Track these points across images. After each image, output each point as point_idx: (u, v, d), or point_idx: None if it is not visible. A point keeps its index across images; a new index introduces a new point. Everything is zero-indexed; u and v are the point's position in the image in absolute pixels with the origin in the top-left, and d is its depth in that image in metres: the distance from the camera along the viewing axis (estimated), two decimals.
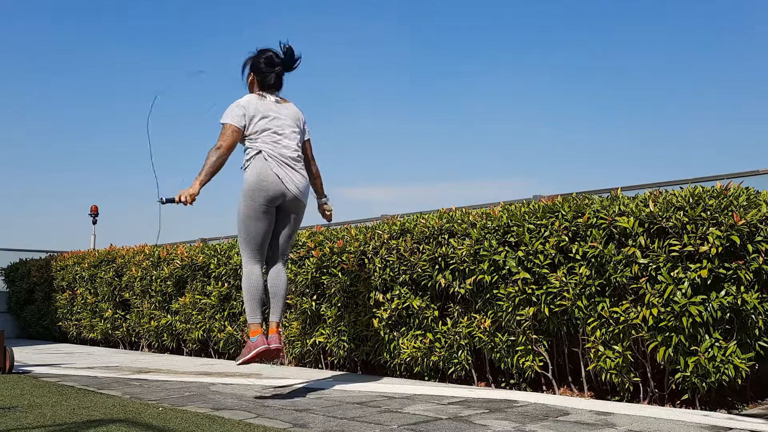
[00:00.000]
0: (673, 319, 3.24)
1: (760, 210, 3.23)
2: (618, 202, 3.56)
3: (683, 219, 3.27)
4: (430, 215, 4.52)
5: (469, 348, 4.20)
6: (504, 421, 2.87)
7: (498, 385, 4.18)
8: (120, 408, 3.28)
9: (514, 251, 3.87)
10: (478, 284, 4.05)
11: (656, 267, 3.32)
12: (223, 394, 3.77)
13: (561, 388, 3.92)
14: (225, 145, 3.54)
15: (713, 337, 3.22)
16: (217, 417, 3.00)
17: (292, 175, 3.59)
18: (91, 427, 2.79)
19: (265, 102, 3.68)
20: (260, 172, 3.54)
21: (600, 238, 3.51)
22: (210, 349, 6.41)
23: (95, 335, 7.96)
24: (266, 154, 3.56)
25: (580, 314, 3.58)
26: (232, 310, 5.93)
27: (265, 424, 2.84)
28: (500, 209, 4.10)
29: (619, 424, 2.77)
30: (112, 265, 7.67)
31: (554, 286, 3.65)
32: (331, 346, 4.95)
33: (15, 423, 2.89)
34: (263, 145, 3.58)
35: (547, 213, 3.80)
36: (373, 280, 4.59)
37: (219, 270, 5.94)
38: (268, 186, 3.53)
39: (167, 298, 6.79)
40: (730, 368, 3.17)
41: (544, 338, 3.87)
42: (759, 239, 3.22)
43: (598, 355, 3.56)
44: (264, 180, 3.53)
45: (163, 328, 6.78)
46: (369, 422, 2.88)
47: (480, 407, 3.23)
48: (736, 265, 3.18)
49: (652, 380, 3.52)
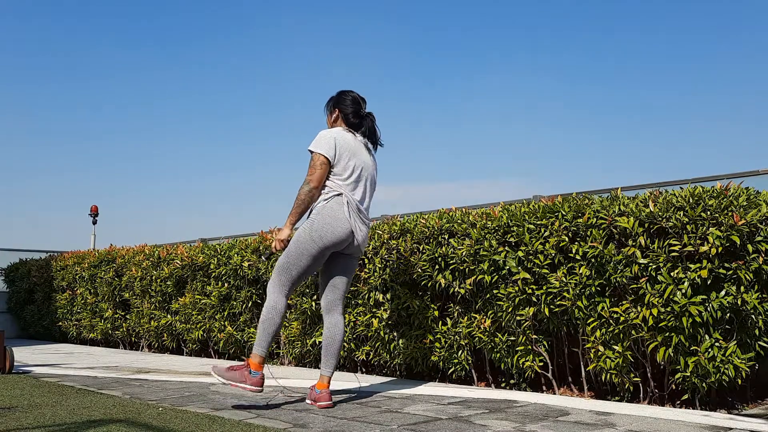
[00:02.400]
0: (673, 319, 3.24)
1: (760, 210, 3.23)
2: (618, 202, 3.56)
3: (683, 219, 3.27)
4: (430, 215, 4.52)
5: (469, 348, 4.20)
6: (504, 421, 2.87)
7: (498, 385, 4.18)
8: (120, 408, 3.28)
9: (514, 251, 3.87)
10: (478, 284, 4.05)
11: (656, 267, 3.32)
12: (223, 394, 3.77)
13: (561, 388, 3.92)
14: (315, 179, 3.35)
15: (713, 337, 3.22)
16: (217, 417, 3.00)
17: (360, 225, 3.42)
18: (91, 427, 2.79)
19: (357, 141, 3.50)
20: (336, 215, 3.35)
21: (600, 238, 3.51)
22: (210, 349, 6.40)
23: (95, 335, 7.96)
24: (346, 198, 3.38)
25: (580, 314, 3.58)
26: (232, 311, 5.93)
27: (265, 424, 2.84)
28: (500, 209, 4.10)
29: (619, 424, 2.77)
30: (112, 265, 7.67)
31: (554, 286, 3.65)
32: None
33: (15, 423, 2.89)
34: (345, 188, 3.40)
35: (547, 213, 3.80)
36: (373, 280, 4.59)
37: (219, 270, 5.94)
38: (338, 232, 3.34)
39: (167, 298, 6.79)
40: (730, 368, 3.17)
41: (544, 338, 3.86)
42: (759, 239, 3.22)
43: (598, 355, 3.56)
44: (338, 225, 3.34)
45: (163, 328, 6.78)
46: (369, 422, 2.88)
47: (480, 407, 3.23)
48: (736, 265, 3.18)
49: (652, 380, 3.52)
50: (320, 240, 3.33)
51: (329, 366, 3.42)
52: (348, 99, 3.57)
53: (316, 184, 3.35)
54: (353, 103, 3.57)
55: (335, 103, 3.60)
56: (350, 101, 3.57)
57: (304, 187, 3.36)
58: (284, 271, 3.38)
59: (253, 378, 3.23)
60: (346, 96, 3.59)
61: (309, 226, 3.36)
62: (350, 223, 3.37)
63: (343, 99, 3.58)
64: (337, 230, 3.34)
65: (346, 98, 3.58)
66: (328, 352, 3.44)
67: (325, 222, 3.33)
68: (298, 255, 3.35)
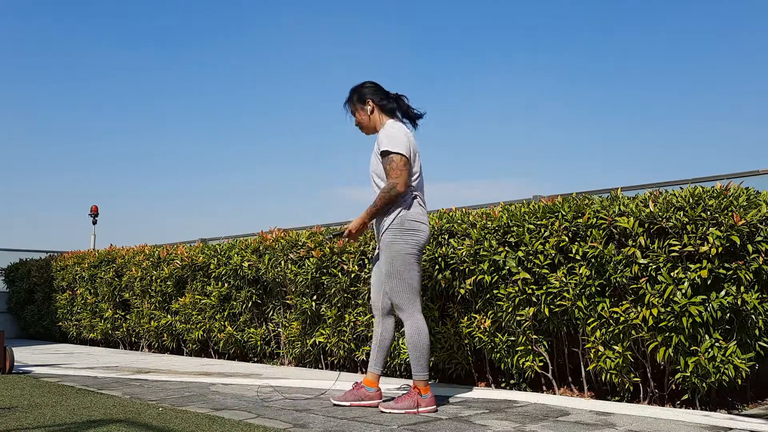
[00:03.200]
0: (673, 319, 3.24)
1: (760, 210, 3.23)
2: (618, 203, 3.56)
3: (683, 219, 3.27)
4: (430, 215, 4.52)
5: (469, 348, 4.20)
6: (504, 421, 2.87)
7: (498, 385, 4.18)
8: (120, 408, 3.28)
9: (514, 251, 3.87)
10: (478, 284, 4.05)
11: (656, 267, 3.32)
12: (223, 394, 3.77)
13: (561, 388, 3.92)
14: (402, 182, 3.19)
15: (713, 338, 3.22)
16: (217, 417, 3.00)
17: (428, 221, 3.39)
18: (91, 427, 2.79)
19: (411, 131, 3.40)
20: (420, 219, 3.27)
21: (600, 238, 3.51)
22: (210, 349, 6.41)
23: (95, 335, 7.96)
24: (420, 200, 3.31)
25: (580, 314, 3.58)
26: (232, 311, 5.93)
27: (265, 424, 2.84)
28: (500, 209, 4.10)
29: (619, 424, 2.77)
30: (112, 265, 7.67)
31: (554, 287, 3.65)
32: (331, 346, 4.95)
33: (15, 423, 2.89)
34: (417, 189, 3.31)
35: (547, 213, 3.80)
36: None
37: (219, 270, 5.94)
38: (425, 233, 3.29)
39: (167, 298, 6.79)
40: (730, 368, 3.17)
41: (544, 338, 3.87)
42: (759, 239, 3.22)
43: (598, 355, 3.56)
44: (423, 227, 3.28)
45: (163, 329, 6.78)
46: (369, 422, 2.88)
47: (480, 407, 3.23)
48: (736, 266, 3.18)
49: (652, 380, 3.52)
50: (417, 245, 3.25)
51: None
52: (370, 87, 3.45)
53: (402, 188, 3.20)
54: (378, 89, 3.45)
55: (366, 95, 3.43)
56: (374, 88, 3.45)
57: (392, 191, 3.19)
58: (408, 289, 3.23)
59: (423, 399, 3.16)
60: (367, 86, 3.46)
61: (401, 235, 3.22)
62: (428, 222, 3.34)
63: (369, 89, 3.44)
64: (424, 232, 3.29)
65: (369, 87, 3.45)
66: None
67: (414, 227, 3.24)
68: (407, 268, 3.22)
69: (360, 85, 3.48)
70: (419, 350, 3.19)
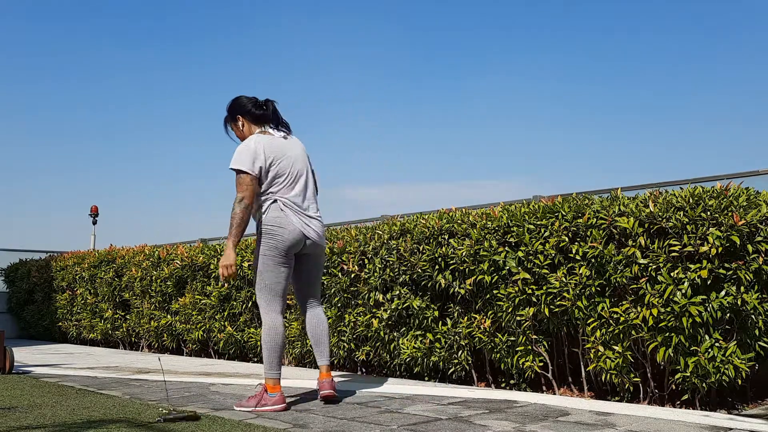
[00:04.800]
0: (673, 319, 3.24)
1: (760, 210, 3.23)
2: (618, 203, 3.56)
3: (683, 219, 3.27)
4: (430, 215, 4.52)
5: (469, 348, 4.20)
6: (504, 421, 2.87)
7: (498, 385, 4.18)
8: (120, 408, 3.28)
9: (514, 251, 3.87)
10: (478, 284, 4.05)
11: (656, 267, 3.32)
12: (223, 394, 3.77)
13: (561, 388, 3.92)
14: (248, 195, 3.31)
15: (713, 338, 3.22)
16: (217, 417, 3.00)
17: (307, 221, 3.42)
18: (91, 427, 2.79)
19: (274, 140, 3.46)
20: (280, 223, 3.34)
21: (600, 238, 3.51)
22: (210, 349, 6.41)
23: (95, 336, 7.96)
24: (281, 203, 3.38)
25: (580, 314, 3.58)
26: (232, 311, 5.93)
27: (265, 424, 2.84)
28: (500, 209, 4.10)
29: (619, 424, 2.77)
30: (112, 265, 7.67)
31: (554, 287, 3.65)
32: (331, 346, 4.95)
33: (15, 423, 2.89)
34: (278, 193, 3.39)
35: (547, 213, 3.80)
36: (373, 280, 4.59)
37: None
38: (289, 237, 3.35)
39: (167, 298, 6.79)
40: (730, 368, 3.16)
41: (544, 338, 3.86)
42: (759, 239, 3.22)
43: (598, 355, 3.56)
44: (286, 231, 3.34)
45: (163, 329, 6.78)
46: (369, 422, 2.88)
47: (480, 407, 3.23)
48: (736, 266, 3.18)
49: (652, 380, 3.52)
50: (275, 248, 3.33)
51: (325, 356, 3.46)
52: (239, 100, 3.57)
53: (249, 200, 3.32)
54: (247, 101, 3.56)
55: (234, 111, 3.57)
56: (243, 100, 3.56)
57: (238, 205, 3.31)
58: (264, 292, 3.36)
59: (270, 398, 3.23)
60: (235, 103, 3.58)
61: (263, 240, 3.36)
62: (295, 224, 3.37)
63: (236, 104, 3.57)
64: (288, 236, 3.34)
65: (238, 102, 3.57)
66: (320, 345, 3.48)
67: (275, 231, 3.33)
68: (269, 269, 3.34)
69: (230, 102, 3.60)
70: (270, 349, 3.30)
